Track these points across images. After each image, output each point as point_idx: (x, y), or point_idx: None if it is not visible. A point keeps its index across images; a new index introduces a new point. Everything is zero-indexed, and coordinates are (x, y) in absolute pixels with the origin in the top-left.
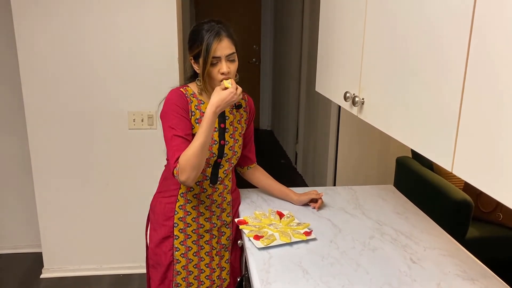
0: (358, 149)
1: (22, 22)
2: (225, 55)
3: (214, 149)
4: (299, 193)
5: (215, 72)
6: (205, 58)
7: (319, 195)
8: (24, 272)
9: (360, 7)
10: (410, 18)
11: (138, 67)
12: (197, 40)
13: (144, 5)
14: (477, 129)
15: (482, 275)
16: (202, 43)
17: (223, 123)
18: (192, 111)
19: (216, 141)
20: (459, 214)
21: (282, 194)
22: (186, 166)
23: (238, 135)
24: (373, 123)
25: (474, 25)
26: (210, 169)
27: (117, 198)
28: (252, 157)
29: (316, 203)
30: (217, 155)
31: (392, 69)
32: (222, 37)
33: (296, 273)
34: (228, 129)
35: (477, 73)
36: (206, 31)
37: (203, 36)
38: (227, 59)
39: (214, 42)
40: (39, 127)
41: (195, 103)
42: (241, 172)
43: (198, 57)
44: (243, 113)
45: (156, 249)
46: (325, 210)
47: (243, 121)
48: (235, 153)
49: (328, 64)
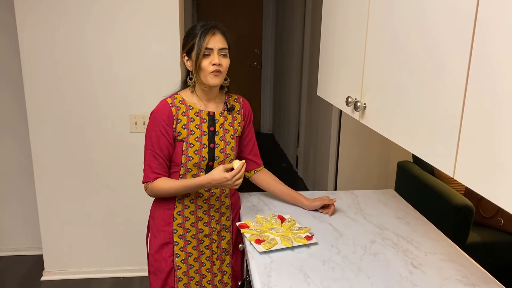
0: (359, 153)
1: (25, 24)
2: (218, 48)
3: (204, 153)
4: (311, 199)
5: (206, 63)
6: (198, 49)
7: (332, 201)
8: (24, 274)
9: (362, 11)
10: (412, 23)
11: (140, 71)
12: (191, 35)
13: (147, 9)
14: (479, 135)
15: (483, 280)
16: (196, 36)
17: (212, 126)
18: (178, 118)
19: (205, 145)
20: (460, 219)
21: (293, 199)
22: (156, 193)
23: (230, 137)
24: (375, 128)
25: (476, 31)
26: (203, 173)
27: (118, 201)
28: (257, 160)
29: (328, 208)
30: (208, 159)
31: (394, 74)
32: (216, 32)
33: (297, 277)
34: (218, 131)
35: (479, 78)
36: (200, 27)
37: (197, 31)
38: (219, 53)
39: (208, 34)
40: (40, 130)
41: (183, 110)
42: (248, 177)
43: (191, 51)
44: (237, 116)
45: (156, 255)
46: (326, 215)
47: (236, 124)
48: (228, 155)
49: (329, 69)
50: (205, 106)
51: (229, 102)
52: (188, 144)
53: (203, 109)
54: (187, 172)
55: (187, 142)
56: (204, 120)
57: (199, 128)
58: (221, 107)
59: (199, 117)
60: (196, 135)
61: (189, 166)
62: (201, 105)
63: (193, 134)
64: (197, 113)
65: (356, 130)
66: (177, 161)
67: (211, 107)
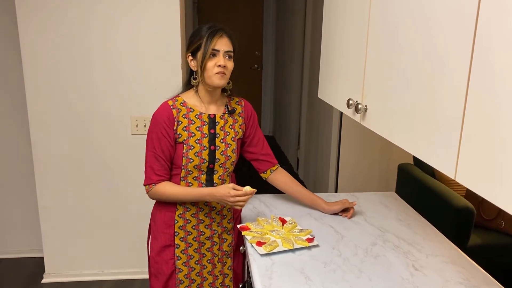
0: (360, 156)
1: (27, 25)
2: (224, 51)
3: (204, 155)
4: (330, 202)
5: (212, 64)
6: (205, 49)
7: (351, 204)
8: (25, 277)
9: (363, 13)
10: (414, 25)
11: (141, 73)
12: (198, 35)
13: (148, 10)
14: (480, 137)
15: (484, 282)
16: (203, 37)
17: (213, 128)
18: (179, 120)
19: (205, 147)
20: (461, 221)
21: (312, 202)
22: (158, 197)
23: (231, 139)
24: (376, 130)
25: (477, 32)
26: (204, 175)
27: (119, 203)
28: (270, 159)
29: (347, 212)
30: (208, 161)
31: (395, 76)
32: (223, 35)
33: (298, 280)
34: (218, 134)
35: (480, 80)
36: (208, 28)
37: (204, 31)
38: (225, 55)
39: (215, 36)
40: (42, 132)
41: (184, 112)
42: (265, 178)
43: (197, 51)
44: (238, 118)
45: (157, 257)
46: (328, 217)
47: (237, 126)
48: (229, 157)
49: (330, 71)
50: (206, 109)
51: (230, 105)
52: (188, 146)
53: (204, 111)
54: (188, 174)
55: (187, 144)
56: (205, 123)
57: (199, 130)
58: (222, 109)
59: (200, 119)
60: (196, 137)
61: (190, 168)
62: (202, 107)
63: (193, 136)
64: (197, 115)
65: (357, 132)
66: (178, 163)
67: (212, 109)
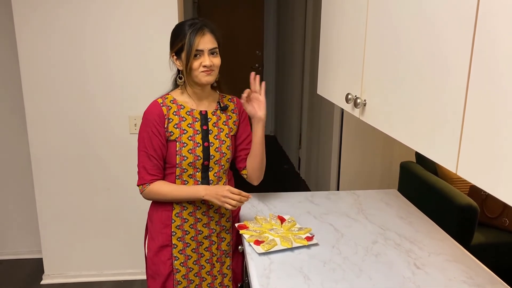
0: (362, 154)
1: (23, 26)
2: (208, 49)
3: (198, 152)
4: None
5: (196, 65)
6: (188, 51)
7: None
8: (24, 278)
9: (361, 8)
10: (412, 19)
11: (138, 72)
12: (180, 35)
13: (146, 10)
14: (481, 130)
15: (489, 281)
16: (185, 37)
17: (205, 125)
18: (169, 118)
19: (199, 144)
20: (464, 219)
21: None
22: (153, 197)
23: (225, 136)
24: (375, 125)
25: (477, 25)
26: (199, 173)
27: (118, 203)
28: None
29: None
30: (203, 158)
31: (394, 70)
32: (205, 32)
33: (297, 279)
34: (211, 130)
35: (480, 73)
36: (189, 26)
37: (185, 31)
38: (209, 53)
39: (197, 35)
40: (39, 132)
41: (174, 109)
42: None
43: (180, 51)
44: (232, 115)
45: (154, 258)
46: (328, 215)
47: (230, 122)
48: (224, 154)
49: (329, 65)
50: (197, 105)
51: (223, 102)
52: (181, 143)
53: (195, 108)
54: (182, 172)
55: (180, 141)
56: (197, 119)
57: (191, 127)
58: (213, 106)
59: (191, 116)
60: (189, 134)
61: (184, 166)
62: (193, 104)
63: (185, 133)
64: (188, 112)
65: (358, 131)
66: (172, 162)
67: (203, 105)
